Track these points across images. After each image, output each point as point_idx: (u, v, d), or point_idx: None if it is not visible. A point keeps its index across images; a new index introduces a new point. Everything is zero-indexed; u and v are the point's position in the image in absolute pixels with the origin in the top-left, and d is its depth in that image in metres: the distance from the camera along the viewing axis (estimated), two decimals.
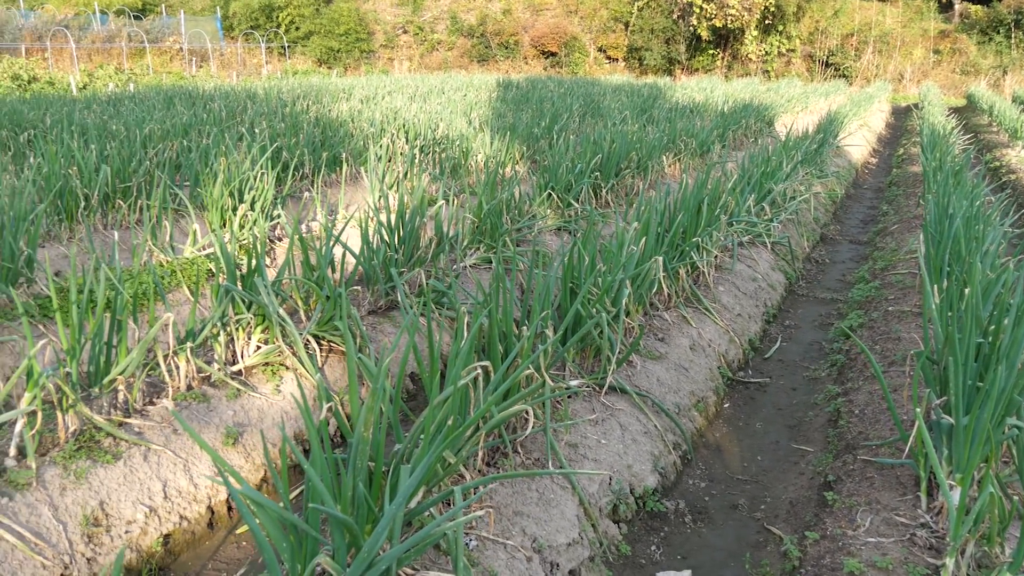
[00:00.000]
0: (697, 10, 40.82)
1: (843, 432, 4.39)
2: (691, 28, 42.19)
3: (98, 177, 6.95)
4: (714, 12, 40.22)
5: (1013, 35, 40.00)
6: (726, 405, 5.19)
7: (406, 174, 8.71)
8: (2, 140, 9.57)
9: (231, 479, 2.32)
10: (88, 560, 3.19)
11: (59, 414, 3.52)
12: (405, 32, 46.15)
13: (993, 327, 3.62)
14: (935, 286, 4.41)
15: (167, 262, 6.00)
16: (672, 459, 4.30)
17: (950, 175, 8.02)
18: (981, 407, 3.06)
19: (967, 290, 3.74)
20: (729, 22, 40.32)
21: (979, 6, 42.82)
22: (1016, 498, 2.85)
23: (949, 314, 3.89)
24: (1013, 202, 10.63)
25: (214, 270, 5.86)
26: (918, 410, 3.25)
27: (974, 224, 5.56)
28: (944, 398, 3.46)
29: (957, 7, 43.80)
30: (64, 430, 3.55)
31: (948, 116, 18.65)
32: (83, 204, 6.75)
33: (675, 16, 43.20)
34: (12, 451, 3.36)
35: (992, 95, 28.08)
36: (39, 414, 3.36)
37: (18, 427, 3.35)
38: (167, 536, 3.48)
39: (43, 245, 6.31)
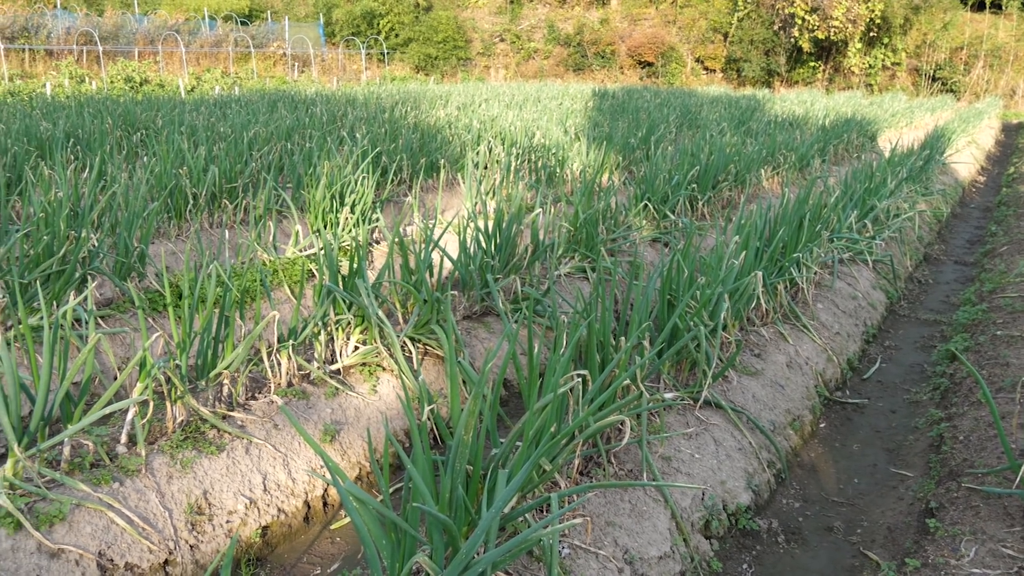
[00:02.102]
0: (799, 21, 40.05)
1: (946, 458, 4.24)
2: (792, 40, 41.41)
3: (206, 177, 7.19)
4: (817, 24, 39.40)
5: None
6: (822, 425, 5.08)
7: (502, 181, 8.77)
8: (116, 140, 9.97)
9: (336, 475, 2.37)
10: (191, 547, 3.30)
11: (168, 405, 3.65)
12: (502, 40, 46.49)
13: None
14: None
15: (270, 261, 6.17)
16: (766, 477, 4.22)
17: None
18: None
19: None
20: (832, 34, 39.44)
21: None
22: None
23: None
24: None
25: (314, 271, 6.01)
26: None
27: None
28: None
29: None
30: (172, 420, 3.68)
31: None
32: (191, 203, 6.99)
33: (776, 27, 42.47)
34: (123, 438, 3.50)
35: None
36: (151, 404, 3.49)
37: (130, 415, 3.49)
38: (265, 528, 3.58)
39: (153, 242, 6.56)
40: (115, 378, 4.71)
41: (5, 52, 26.59)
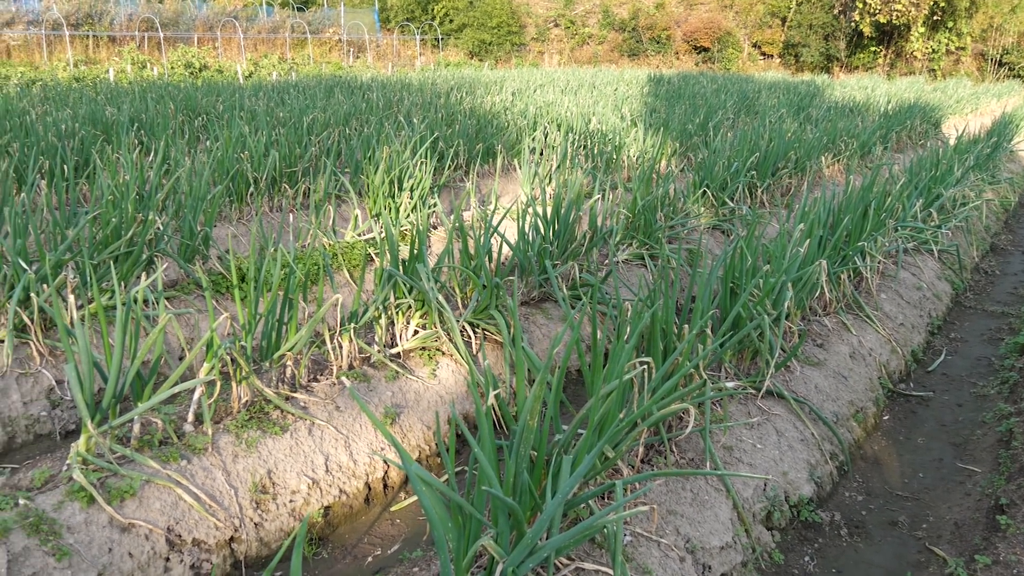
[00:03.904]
0: (860, 5, 39.19)
1: (1017, 454, 4.14)
2: (853, 24, 40.55)
3: (267, 162, 7.27)
4: (879, 7, 38.52)
5: None
6: (886, 417, 4.99)
7: (559, 167, 8.74)
8: (179, 125, 10.14)
9: (404, 457, 2.39)
10: (256, 525, 3.35)
11: (233, 385, 3.71)
12: (556, 25, 46.26)
13: None
14: None
15: (329, 245, 6.23)
16: (828, 469, 4.17)
17: None
18: None
19: None
20: (894, 18, 38.53)
21: None
22: None
23: None
24: None
25: (373, 255, 6.06)
26: None
27: None
28: None
29: None
30: (237, 400, 3.74)
31: None
32: (252, 187, 7.08)
33: (836, 11, 41.63)
34: (190, 417, 3.57)
35: None
36: (218, 384, 3.55)
37: (196, 394, 3.55)
38: (327, 508, 3.62)
39: (215, 225, 6.66)
40: (180, 358, 4.81)
41: (70, 39, 27.15)
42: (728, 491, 3.52)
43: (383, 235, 5.78)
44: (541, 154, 9.99)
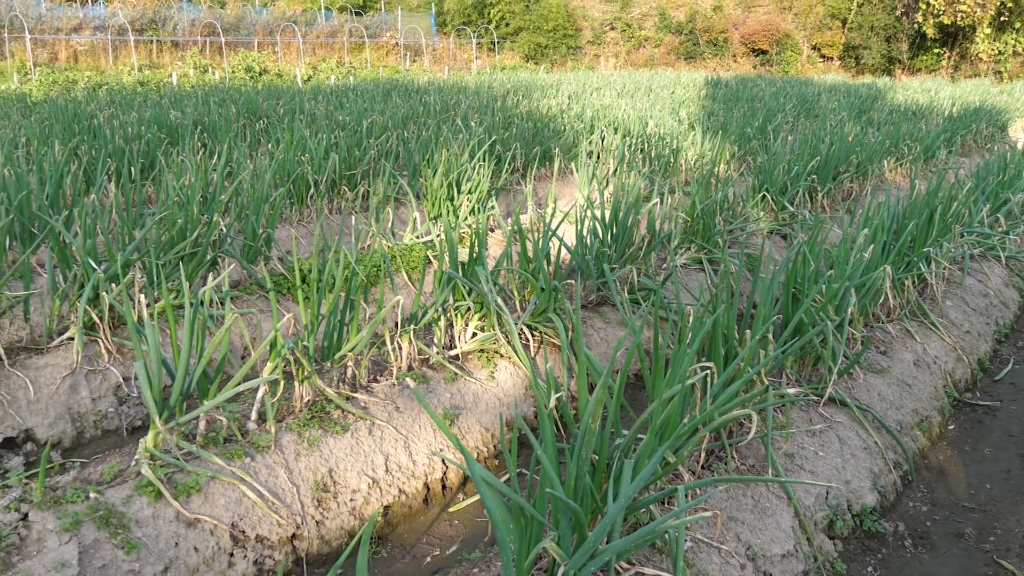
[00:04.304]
0: (924, 6, 38.41)
1: None
2: (915, 25, 39.77)
3: (327, 164, 7.36)
4: (943, 8, 37.72)
5: None
6: (951, 427, 4.88)
7: (616, 170, 8.71)
8: (240, 128, 10.31)
9: (467, 459, 2.40)
10: (317, 523, 3.40)
11: (295, 384, 3.76)
12: (612, 28, 46.11)
13: None
14: None
15: (388, 247, 6.28)
16: (892, 478, 4.09)
17: None
18: None
19: None
20: (959, 19, 37.70)
21: None
22: None
23: None
24: None
25: (431, 257, 6.10)
26: None
27: None
28: None
29: None
30: (299, 400, 3.79)
31: None
32: (312, 189, 7.17)
33: (898, 13, 40.85)
34: (253, 415, 3.63)
35: None
36: (280, 383, 3.60)
37: (260, 393, 3.61)
38: (387, 508, 3.65)
39: (275, 226, 6.76)
40: (243, 357, 4.89)
41: (135, 44, 27.79)
42: (789, 498, 3.48)
43: (442, 237, 5.82)
44: (598, 157, 9.97)
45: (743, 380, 3.23)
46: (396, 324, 4.42)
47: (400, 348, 4.27)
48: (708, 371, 3.30)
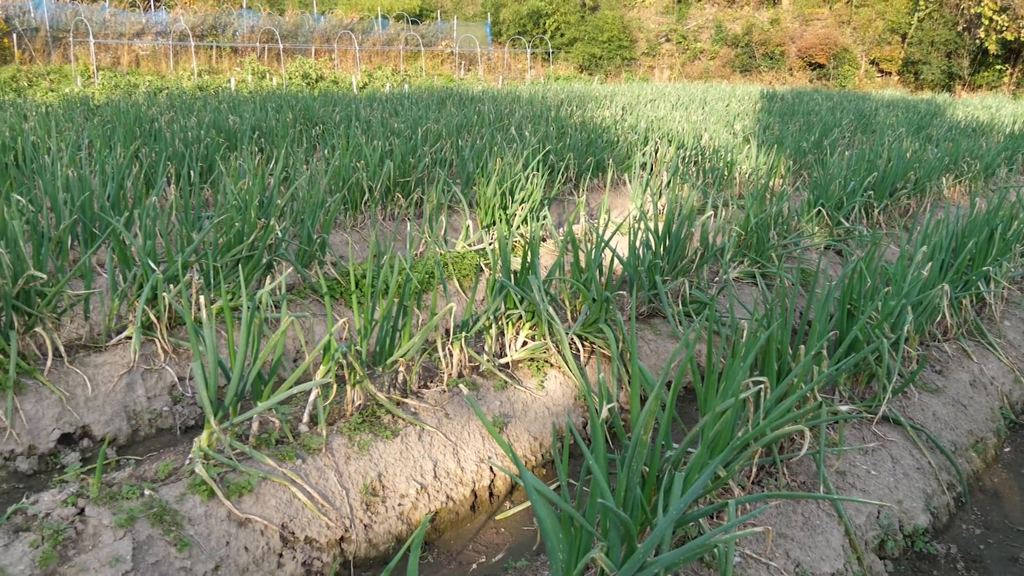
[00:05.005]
0: (986, 22, 37.71)
1: None
2: (977, 41, 39.05)
3: (381, 171, 7.43)
4: (1006, 24, 37.00)
5: None
6: (1007, 449, 4.77)
7: (669, 182, 8.67)
8: (296, 134, 10.45)
9: (519, 467, 2.40)
10: (365, 527, 3.42)
11: (348, 388, 3.80)
12: (668, 40, 45.96)
13: None
14: None
15: (441, 254, 6.32)
16: (945, 500, 4.01)
17: None
18: None
19: None
20: (1023, 35, 36.95)
21: None
22: None
23: None
24: None
25: (483, 265, 6.12)
26: None
27: None
28: None
29: None
30: (350, 404, 3.82)
31: None
32: (367, 195, 7.24)
33: (960, 28, 40.15)
34: (305, 418, 3.66)
35: None
36: (334, 387, 3.64)
37: (312, 396, 3.65)
38: (434, 514, 3.67)
39: (330, 231, 6.83)
40: (295, 360, 4.95)
41: (195, 49, 28.33)
42: (840, 516, 3.42)
43: (494, 246, 5.84)
44: (651, 169, 9.93)
45: (796, 396, 3.19)
46: (447, 331, 4.44)
47: (451, 355, 4.28)
48: (761, 386, 3.27)
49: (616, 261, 5.40)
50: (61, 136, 8.83)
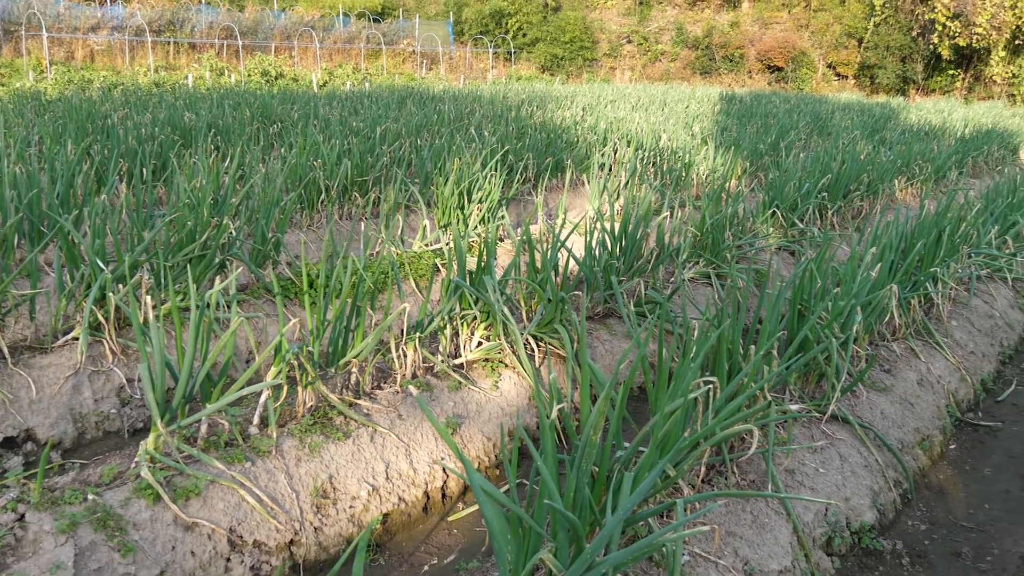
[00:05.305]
0: (940, 28, 38.39)
1: None
2: (931, 46, 39.74)
3: (339, 170, 7.38)
4: (959, 30, 37.68)
5: None
6: (952, 446, 4.86)
7: (627, 183, 8.71)
8: (254, 131, 10.35)
9: (467, 468, 2.39)
10: (315, 529, 3.39)
11: (299, 390, 3.76)
12: (629, 42, 46.18)
13: None
14: None
15: (397, 255, 6.29)
16: (892, 497, 4.07)
17: None
18: None
19: None
20: (974, 41, 37.65)
21: None
22: None
23: None
24: None
25: (439, 265, 6.10)
26: None
27: None
28: None
29: None
30: (302, 405, 3.79)
31: None
32: (324, 195, 7.19)
33: (914, 33, 40.83)
34: (256, 420, 3.63)
35: None
36: (284, 388, 3.60)
37: (263, 398, 3.61)
38: (386, 515, 3.65)
39: (285, 231, 6.77)
40: (248, 362, 4.89)
41: (152, 45, 27.95)
42: (789, 514, 3.46)
43: (451, 246, 5.82)
44: (610, 170, 9.97)
45: (745, 395, 3.22)
46: (403, 332, 4.42)
47: (405, 356, 4.26)
48: (711, 385, 3.29)
49: (572, 262, 5.41)
50: (10, 132, 8.67)
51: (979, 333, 6.11)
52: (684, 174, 9.92)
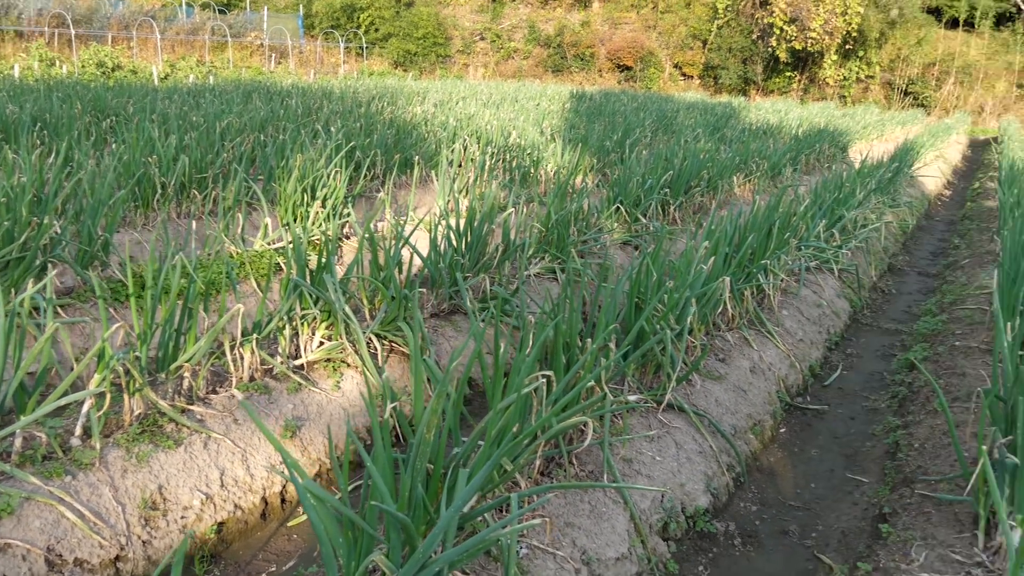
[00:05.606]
0: (777, 31, 40.36)
1: (901, 465, 4.29)
2: (770, 49, 41.73)
3: (176, 167, 7.10)
4: (795, 34, 39.72)
5: None
6: (782, 430, 5.11)
7: (476, 180, 8.74)
8: (85, 126, 9.83)
9: (294, 472, 2.34)
10: (144, 543, 3.24)
11: (126, 397, 3.59)
12: (482, 39, 46.43)
13: None
14: (1008, 324, 4.27)
15: (237, 254, 6.10)
16: (725, 480, 4.24)
17: None
18: None
19: None
20: (809, 45, 39.78)
21: None
22: None
23: (1021, 352, 3.76)
24: None
25: (282, 264, 5.95)
26: (983, 447, 3.16)
27: None
28: (1010, 437, 3.35)
29: None
30: (129, 413, 3.62)
31: None
32: (159, 192, 6.90)
33: (755, 36, 42.77)
34: (78, 431, 3.44)
35: None
36: (108, 396, 3.43)
37: (85, 407, 3.43)
38: (221, 524, 3.53)
39: (118, 230, 6.46)
40: (71, 369, 4.63)
41: None
42: (626, 503, 3.54)
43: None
44: (460, 166, 9.98)
45: (580, 387, 3.28)
46: (240, 333, 4.29)
47: (242, 358, 4.14)
48: (548, 379, 3.33)
49: (418, 259, 5.38)
50: None
51: (808, 321, 6.44)
52: (533, 171, 10.03)
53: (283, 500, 3.83)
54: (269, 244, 6.43)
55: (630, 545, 3.40)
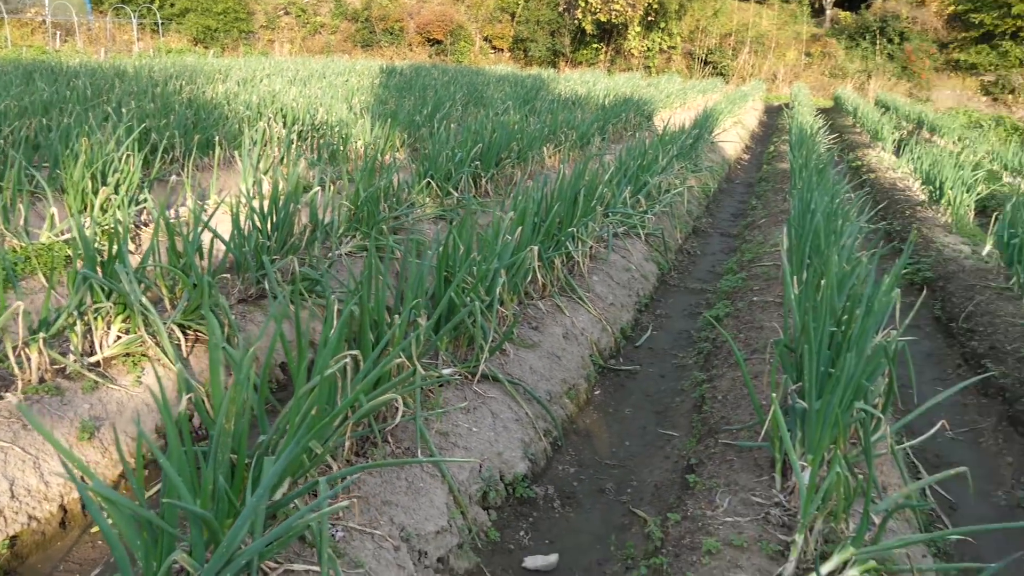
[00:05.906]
0: (582, 4, 41.28)
1: (707, 417, 4.53)
2: (576, 21, 42.65)
3: None
4: (599, 6, 40.74)
5: (878, 42, 41.93)
6: (597, 392, 5.28)
7: (282, 159, 8.51)
8: None
9: (80, 476, 2.21)
10: None
11: None
12: (287, 14, 45.06)
13: (846, 317, 3.78)
14: (795, 278, 4.58)
15: (20, 247, 5.70)
16: (543, 446, 4.35)
17: (814, 172, 8.35)
18: (831, 392, 3.20)
19: (823, 282, 3.90)
20: (613, 17, 40.93)
21: (848, 12, 44.79)
22: (861, 477, 2.98)
23: (807, 304, 4.04)
24: (870, 199, 11.17)
25: (72, 256, 5.60)
26: (774, 395, 3.38)
27: (833, 219, 5.80)
28: (799, 384, 3.60)
29: (828, 12, 45.66)
30: None
31: (816, 116, 19.42)
32: None
33: (561, 9, 43.60)
34: None
35: (857, 98, 29.50)
36: None
37: None
38: (14, 538, 3.30)
39: None
40: None
41: None
42: (444, 476, 3.58)
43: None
44: (265, 146, 9.68)
45: (387, 364, 3.27)
46: (22, 332, 4.00)
47: (28, 359, 3.87)
48: (352, 357, 3.30)
49: (220, 243, 5.19)
50: None
51: (618, 286, 6.67)
52: (342, 148, 9.87)
53: (84, 506, 3.63)
54: (57, 236, 6.04)
55: (450, 517, 3.43)
